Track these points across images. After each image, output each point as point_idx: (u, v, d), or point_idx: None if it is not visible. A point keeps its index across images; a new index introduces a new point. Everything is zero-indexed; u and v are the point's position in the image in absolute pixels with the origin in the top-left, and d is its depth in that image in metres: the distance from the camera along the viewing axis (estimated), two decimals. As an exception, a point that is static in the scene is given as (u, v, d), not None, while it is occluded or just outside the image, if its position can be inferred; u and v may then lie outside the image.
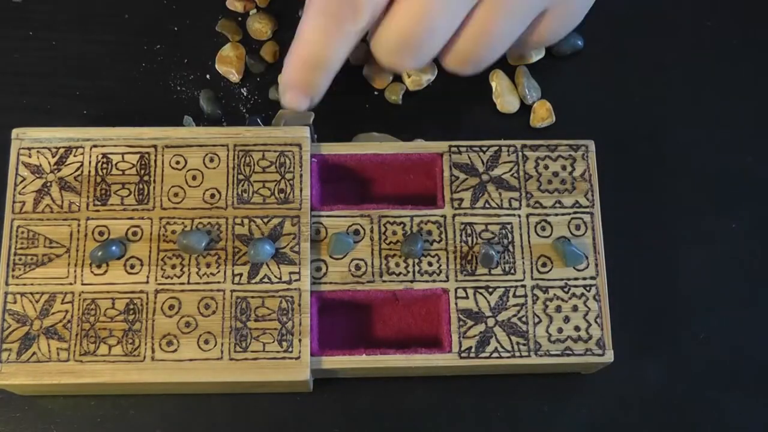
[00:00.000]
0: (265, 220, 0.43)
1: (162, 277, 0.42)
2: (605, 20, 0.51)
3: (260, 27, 0.50)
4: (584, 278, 0.43)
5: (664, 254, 0.48)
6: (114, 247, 0.42)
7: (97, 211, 0.43)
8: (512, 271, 0.43)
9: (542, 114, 0.49)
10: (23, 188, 0.43)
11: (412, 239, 0.43)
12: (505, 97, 0.49)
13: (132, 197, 0.43)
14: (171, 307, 0.41)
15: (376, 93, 0.50)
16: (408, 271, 0.43)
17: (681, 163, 0.49)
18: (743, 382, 0.46)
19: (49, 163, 0.43)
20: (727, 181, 0.49)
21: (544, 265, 0.43)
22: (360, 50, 0.48)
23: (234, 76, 0.49)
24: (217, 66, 0.49)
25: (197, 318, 0.41)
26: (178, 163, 0.43)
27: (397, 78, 0.50)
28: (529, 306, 0.42)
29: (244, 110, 0.49)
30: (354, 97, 0.49)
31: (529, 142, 0.45)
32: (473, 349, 0.42)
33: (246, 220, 0.43)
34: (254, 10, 0.51)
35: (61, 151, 0.43)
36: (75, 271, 0.42)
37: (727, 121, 0.50)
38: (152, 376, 0.40)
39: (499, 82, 0.49)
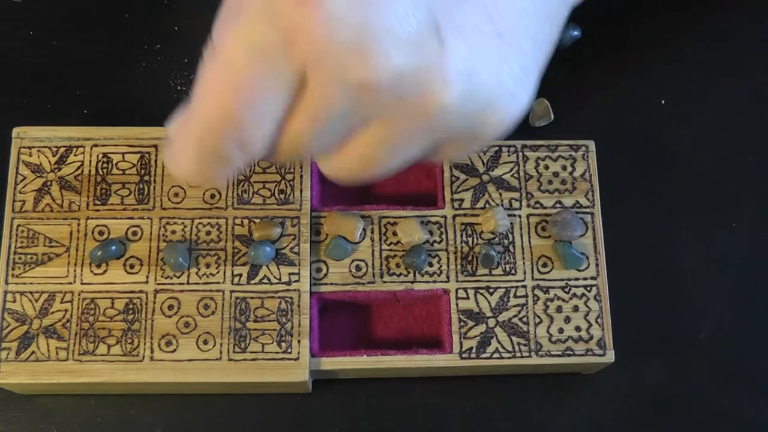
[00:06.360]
0: (266, 221, 0.43)
1: (161, 277, 0.42)
2: (605, 19, 0.51)
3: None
4: (585, 278, 0.43)
5: (664, 254, 0.47)
6: (114, 247, 0.41)
7: (97, 210, 0.43)
8: (513, 271, 0.43)
9: (540, 112, 0.49)
10: (23, 187, 0.43)
11: (416, 251, 0.42)
12: None
13: (132, 197, 0.43)
14: (170, 307, 0.41)
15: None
16: (409, 272, 0.43)
17: (681, 162, 0.49)
18: (743, 382, 0.46)
19: (49, 162, 0.43)
20: (727, 181, 0.49)
21: (544, 265, 0.43)
22: None
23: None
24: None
25: (196, 318, 0.41)
26: (178, 162, 0.43)
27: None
28: (529, 306, 0.42)
29: (244, 110, 0.49)
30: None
31: (529, 143, 0.45)
32: (474, 350, 0.42)
33: (246, 221, 0.43)
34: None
35: (62, 150, 0.43)
36: (75, 270, 0.42)
37: (727, 121, 0.50)
38: (151, 376, 0.40)
39: None
